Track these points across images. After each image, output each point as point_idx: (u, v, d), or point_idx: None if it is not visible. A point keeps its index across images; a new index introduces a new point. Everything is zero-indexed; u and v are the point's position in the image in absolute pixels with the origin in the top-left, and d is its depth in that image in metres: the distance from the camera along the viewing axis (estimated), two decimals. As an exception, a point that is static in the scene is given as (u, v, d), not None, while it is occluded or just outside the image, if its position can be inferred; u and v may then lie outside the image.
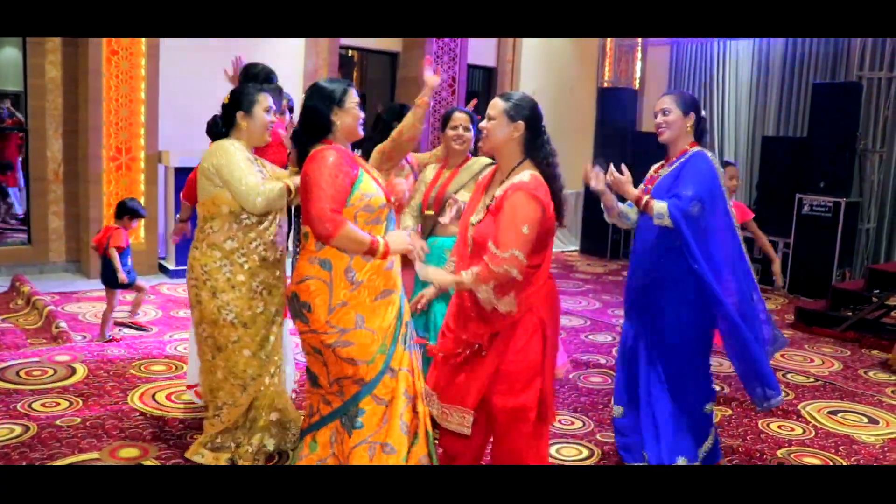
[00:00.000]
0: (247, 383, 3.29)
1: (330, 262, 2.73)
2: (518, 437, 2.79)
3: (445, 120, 3.84)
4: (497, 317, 2.68)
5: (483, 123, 2.77)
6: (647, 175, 3.45)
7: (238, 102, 3.24)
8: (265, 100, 3.26)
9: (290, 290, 2.81)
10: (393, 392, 2.81)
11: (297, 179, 3.12)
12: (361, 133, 2.93)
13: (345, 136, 2.86)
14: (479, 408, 2.81)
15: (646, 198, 3.18)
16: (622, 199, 3.34)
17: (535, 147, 2.71)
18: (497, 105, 2.72)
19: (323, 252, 2.74)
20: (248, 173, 3.10)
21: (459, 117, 3.80)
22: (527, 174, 2.66)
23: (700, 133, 3.32)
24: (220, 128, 3.32)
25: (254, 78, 3.86)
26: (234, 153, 3.15)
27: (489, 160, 3.84)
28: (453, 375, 2.81)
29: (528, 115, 2.70)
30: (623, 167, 3.24)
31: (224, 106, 3.28)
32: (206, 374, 3.35)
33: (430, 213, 3.71)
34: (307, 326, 2.77)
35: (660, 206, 3.13)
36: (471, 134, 3.79)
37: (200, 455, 3.32)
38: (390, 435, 2.78)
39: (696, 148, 3.29)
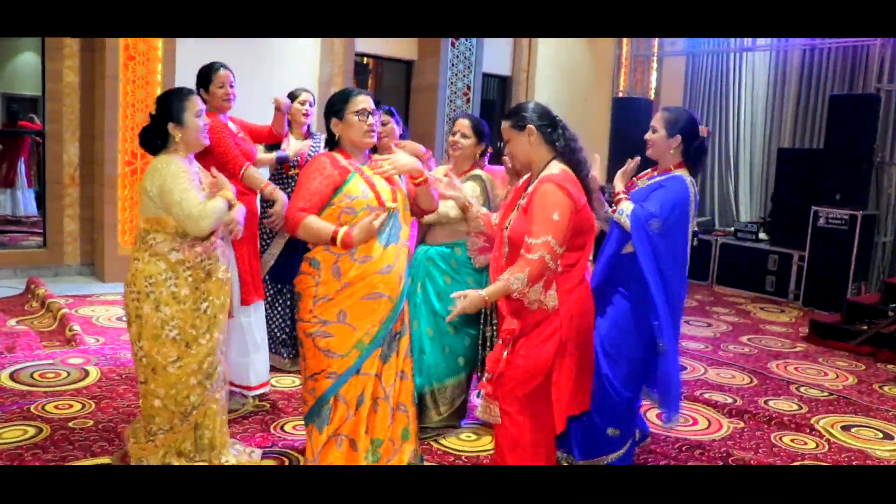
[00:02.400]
0: (188, 411, 3.12)
1: (318, 260, 2.92)
2: (506, 432, 2.88)
3: (452, 123, 3.90)
4: (526, 313, 2.77)
5: (507, 149, 2.90)
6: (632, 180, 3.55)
7: (167, 113, 3.02)
8: (194, 104, 3.06)
9: (294, 282, 3.03)
10: (359, 394, 2.96)
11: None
12: (370, 141, 2.99)
13: (351, 145, 2.98)
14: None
15: (622, 195, 3.30)
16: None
17: (554, 140, 2.79)
18: (504, 126, 2.87)
19: (313, 252, 2.96)
20: (192, 200, 2.95)
21: (459, 123, 3.82)
22: (556, 167, 2.76)
23: (694, 153, 3.33)
24: (154, 140, 3.06)
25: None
26: (176, 176, 2.97)
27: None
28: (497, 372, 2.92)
29: (531, 116, 2.80)
30: (633, 159, 3.41)
31: (153, 117, 3.06)
32: (142, 398, 3.15)
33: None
34: (298, 314, 2.99)
35: (625, 205, 3.22)
36: (468, 141, 3.76)
37: None
38: (356, 431, 2.97)
39: (678, 171, 3.32)
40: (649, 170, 3.51)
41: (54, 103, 6.80)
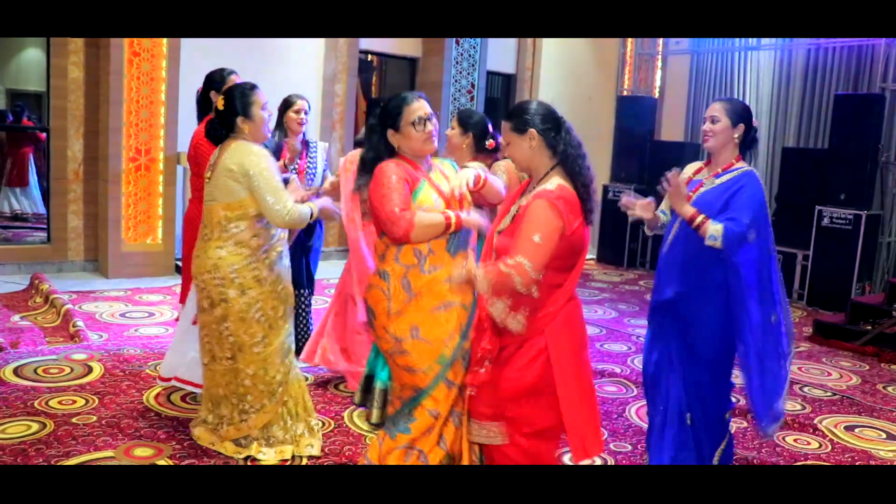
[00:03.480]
0: (274, 390, 3.36)
1: (387, 272, 2.78)
2: (507, 451, 2.72)
3: None
4: (508, 332, 2.61)
5: (507, 152, 2.71)
6: (685, 177, 3.34)
7: (234, 107, 3.21)
8: (260, 98, 3.25)
9: (364, 297, 2.92)
10: (446, 405, 2.80)
11: (322, 203, 3.36)
12: (431, 148, 2.87)
13: (412, 154, 2.84)
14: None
15: (700, 218, 3.04)
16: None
17: (556, 145, 2.60)
18: (504, 126, 2.67)
19: (383, 264, 2.82)
20: (280, 190, 3.17)
21: (454, 121, 3.90)
22: (553, 182, 2.57)
23: (749, 143, 3.25)
24: (220, 132, 3.28)
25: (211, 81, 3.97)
26: (266, 163, 3.19)
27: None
28: (478, 390, 2.74)
29: (534, 118, 2.60)
30: (673, 174, 3.17)
31: (220, 112, 3.24)
32: (227, 380, 3.35)
33: None
34: (374, 333, 2.89)
35: (715, 229, 3.01)
36: (453, 132, 3.84)
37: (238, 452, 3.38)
38: (431, 447, 2.79)
39: (746, 167, 3.21)
40: (701, 164, 3.36)
41: (59, 100, 6.81)
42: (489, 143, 3.85)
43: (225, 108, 3.22)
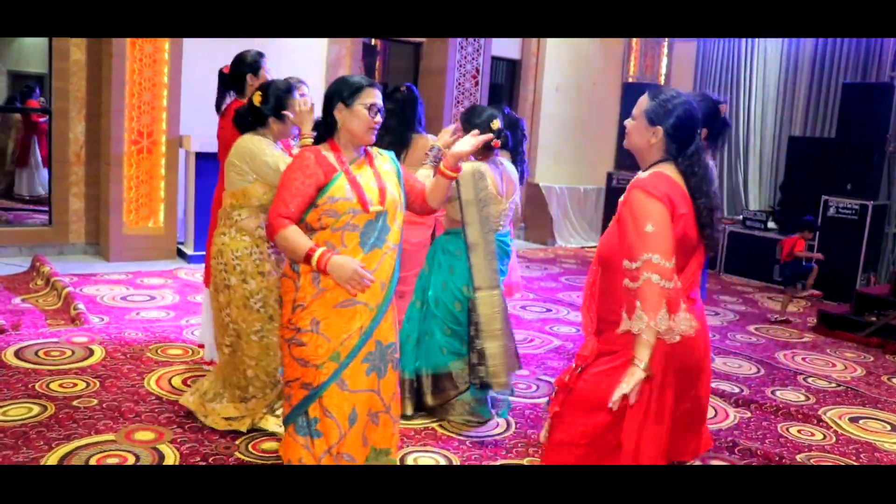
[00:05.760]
0: (277, 380, 3.39)
1: (298, 266, 2.75)
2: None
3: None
4: (606, 339, 2.41)
5: (627, 120, 2.51)
6: None
7: (270, 106, 3.26)
8: (295, 104, 3.27)
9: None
10: (343, 409, 2.77)
11: None
12: (370, 139, 2.77)
13: (348, 137, 2.76)
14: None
15: None
16: None
17: (675, 156, 2.37)
18: (641, 103, 2.44)
19: None
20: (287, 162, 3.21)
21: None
22: (649, 171, 2.36)
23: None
24: (252, 125, 3.31)
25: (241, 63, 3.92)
26: (266, 149, 3.22)
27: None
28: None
29: (671, 121, 2.35)
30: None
31: (254, 107, 3.27)
32: (231, 368, 3.41)
33: None
34: (281, 321, 2.90)
35: None
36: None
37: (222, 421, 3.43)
38: (354, 448, 2.81)
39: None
40: None
41: (61, 81, 6.76)
42: (494, 143, 3.56)
43: (261, 105, 3.26)
